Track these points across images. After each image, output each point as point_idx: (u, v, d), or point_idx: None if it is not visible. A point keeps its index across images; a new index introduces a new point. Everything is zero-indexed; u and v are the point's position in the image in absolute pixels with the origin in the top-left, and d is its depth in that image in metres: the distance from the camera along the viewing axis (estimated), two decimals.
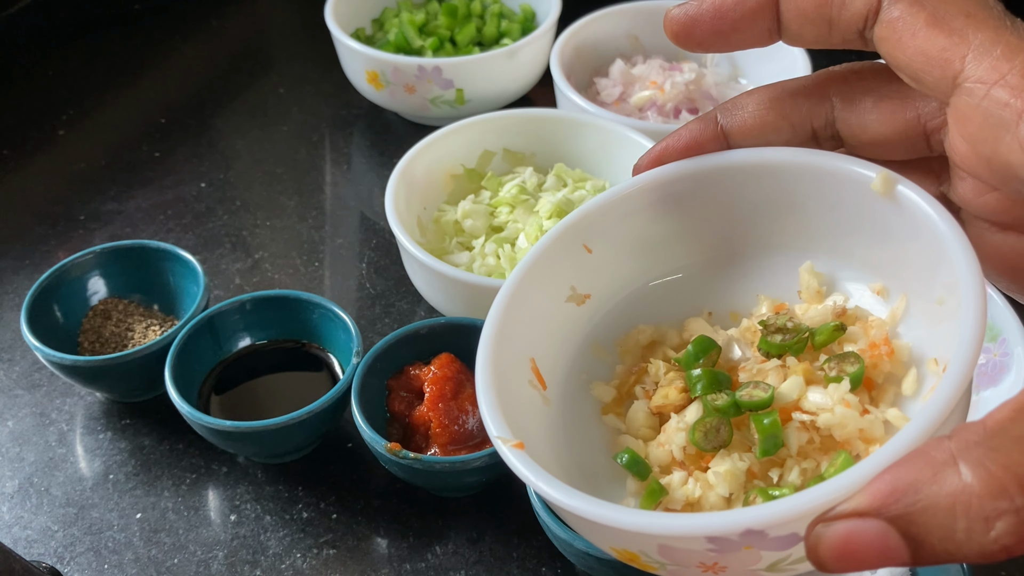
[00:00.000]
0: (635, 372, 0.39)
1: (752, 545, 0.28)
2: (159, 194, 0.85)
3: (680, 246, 0.40)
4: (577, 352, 0.39)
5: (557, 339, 0.39)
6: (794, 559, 0.30)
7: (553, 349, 0.38)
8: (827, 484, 0.26)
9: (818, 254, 0.38)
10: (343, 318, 0.63)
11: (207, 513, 0.60)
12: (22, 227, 0.82)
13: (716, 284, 0.40)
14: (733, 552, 0.29)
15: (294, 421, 0.56)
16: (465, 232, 0.71)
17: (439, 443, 0.57)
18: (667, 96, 0.83)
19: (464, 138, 0.75)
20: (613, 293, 0.40)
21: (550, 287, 0.38)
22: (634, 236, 0.39)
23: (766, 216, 0.38)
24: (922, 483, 0.24)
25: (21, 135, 0.93)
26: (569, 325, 0.39)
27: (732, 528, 0.27)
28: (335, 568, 0.57)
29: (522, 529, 0.58)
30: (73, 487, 0.62)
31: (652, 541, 0.29)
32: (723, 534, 0.28)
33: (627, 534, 0.30)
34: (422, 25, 0.94)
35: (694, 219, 0.39)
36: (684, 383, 0.36)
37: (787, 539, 0.28)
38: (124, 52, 1.06)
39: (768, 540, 0.28)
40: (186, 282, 0.68)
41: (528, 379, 0.37)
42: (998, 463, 0.23)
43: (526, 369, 0.37)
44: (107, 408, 0.66)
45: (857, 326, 0.35)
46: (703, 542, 0.28)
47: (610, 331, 0.40)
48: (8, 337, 0.72)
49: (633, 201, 0.39)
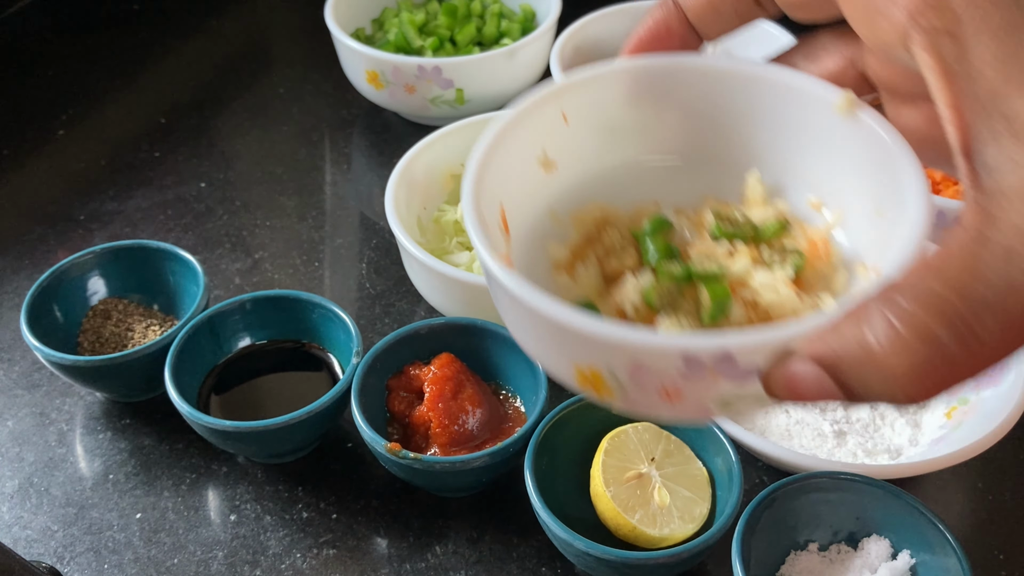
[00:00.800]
0: (590, 239, 0.40)
1: (719, 372, 0.30)
2: (159, 194, 0.85)
3: (645, 137, 0.41)
4: (536, 216, 0.40)
5: (521, 196, 0.40)
6: (744, 395, 0.31)
7: (516, 203, 0.39)
8: (799, 323, 0.28)
9: (768, 166, 0.39)
10: (343, 318, 0.63)
11: (207, 513, 0.60)
12: (22, 227, 0.82)
13: (670, 179, 0.42)
14: (699, 377, 0.30)
15: (294, 421, 0.56)
16: (465, 232, 0.71)
17: (439, 443, 0.57)
18: None
19: (464, 138, 0.75)
20: (577, 168, 0.41)
21: (527, 144, 0.40)
22: (606, 118, 0.41)
23: (728, 123, 0.40)
24: (846, 335, 0.28)
25: (21, 135, 0.93)
26: (534, 187, 0.40)
27: (710, 349, 0.28)
28: (335, 568, 0.57)
29: (522, 529, 0.58)
30: (73, 487, 0.62)
31: (627, 355, 0.30)
32: (699, 354, 0.29)
33: (605, 345, 0.30)
34: (422, 25, 0.94)
35: (662, 114, 0.41)
36: (637, 252, 0.38)
37: (748, 372, 0.30)
38: (124, 52, 1.06)
39: (735, 369, 0.29)
40: (186, 282, 0.68)
41: (496, 222, 0.38)
42: (903, 318, 0.27)
43: (496, 212, 0.38)
44: (107, 408, 0.66)
45: (797, 228, 0.38)
46: (677, 360, 0.29)
47: (568, 203, 0.41)
48: (8, 337, 0.72)
49: (611, 84, 0.40)
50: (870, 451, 0.59)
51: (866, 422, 0.61)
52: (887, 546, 0.53)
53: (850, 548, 0.54)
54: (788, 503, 0.53)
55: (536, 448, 0.55)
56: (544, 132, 0.40)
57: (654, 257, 0.37)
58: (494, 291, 0.33)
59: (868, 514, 0.53)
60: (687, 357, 0.29)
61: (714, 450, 0.56)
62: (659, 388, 0.31)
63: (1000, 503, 0.60)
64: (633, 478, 0.54)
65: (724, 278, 0.36)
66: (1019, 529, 0.58)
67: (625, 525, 0.53)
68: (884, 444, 0.59)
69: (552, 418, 0.56)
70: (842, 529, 0.54)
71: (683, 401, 0.32)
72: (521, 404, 0.61)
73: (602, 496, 0.54)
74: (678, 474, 0.55)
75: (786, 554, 0.54)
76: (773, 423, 0.61)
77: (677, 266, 0.36)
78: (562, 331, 0.30)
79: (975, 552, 0.57)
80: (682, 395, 0.31)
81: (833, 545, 0.54)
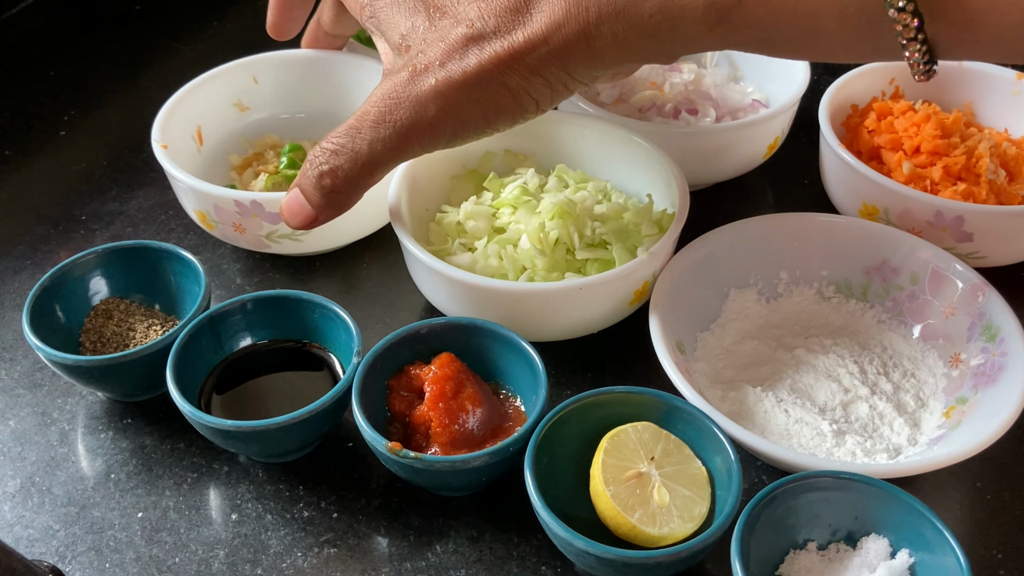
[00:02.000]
0: (257, 155, 0.82)
1: (256, 215, 0.68)
2: (160, 194, 0.85)
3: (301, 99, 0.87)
4: (228, 137, 0.83)
5: (220, 123, 0.82)
6: (279, 234, 0.70)
7: (214, 128, 0.82)
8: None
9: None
10: (344, 318, 0.63)
11: (208, 512, 0.60)
12: (24, 227, 0.82)
13: (308, 125, 0.86)
14: (248, 217, 0.68)
15: (295, 421, 0.56)
16: (467, 233, 0.71)
17: (439, 442, 0.58)
18: (666, 97, 0.83)
19: None
20: (265, 112, 0.85)
21: (225, 93, 0.82)
22: (287, 83, 0.84)
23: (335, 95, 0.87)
24: (305, 170, 0.56)
25: (23, 135, 0.93)
26: (231, 122, 0.83)
27: (246, 199, 0.67)
28: (336, 567, 0.57)
29: (522, 528, 0.58)
30: (74, 486, 0.62)
31: (212, 201, 0.69)
32: (243, 202, 0.67)
33: (208, 197, 0.69)
34: None
35: (315, 85, 0.87)
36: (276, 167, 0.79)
37: (273, 216, 0.67)
38: (125, 53, 1.06)
39: (265, 214, 0.67)
40: (187, 282, 0.68)
41: (192, 136, 0.79)
42: (337, 134, 0.55)
43: (194, 129, 0.79)
44: (108, 408, 0.67)
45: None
46: (234, 206, 0.68)
47: (252, 135, 0.84)
48: (10, 337, 0.72)
49: (292, 57, 0.83)
50: (869, 451, 0.59)
51: (865, 421, 0.61)
52: (886, 545, 0.53)
53: (849, 547, 0.54)
54: (787, 502, 0.53)
55: (536, 447, 0.55)
56: (237, 87, 0.82)
57: (283, 163, 0.78)
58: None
59: (867, 513, 0.53)
60: (238, 204, 0.67)
61: (713, 449, 0.56)
62: (231, 222, 0.70)
63: (999, 502, 0.60)
64: (633, 477, 0.55)
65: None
66: (1018, 528, 0.58)
67: (625, 524, 0.53)
68: (883, 443, 0.59)
69: (552, 418, 0.56)
70: (841, 528, 0.54)
71: (246, 232, 0.70)
72: (521, 404, 0.61)
73: (602, 495, 0.54)
74: (677, 473, 0.55)
75: (785, 553, 0.54)
76: (772, 423, 0.61)
77: (292, 170, 0.77)
78: (196, 191, 0.69)
79: (974, 551, 0.57)
80: (245, 228, 0.69)
81: (832, 544, 0.54)
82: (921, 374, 0.64)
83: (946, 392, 0.63)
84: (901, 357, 0.65)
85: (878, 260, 0.68)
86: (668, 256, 0.67)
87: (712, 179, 0.81)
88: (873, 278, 0.68)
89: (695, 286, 0.67)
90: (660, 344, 0.60)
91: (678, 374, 0.58)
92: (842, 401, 0.62)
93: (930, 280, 0.66)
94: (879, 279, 0.68)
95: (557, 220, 0.68)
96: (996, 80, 0.82)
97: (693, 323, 0.67)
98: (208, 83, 0.81)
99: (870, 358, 0.65)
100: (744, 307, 0.69)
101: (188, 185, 0.70)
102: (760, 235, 0.69)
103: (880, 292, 0.68)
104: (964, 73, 0.83)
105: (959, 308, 0.64)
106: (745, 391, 0.63)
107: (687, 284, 0.66)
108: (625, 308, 0.66)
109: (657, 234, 0.68)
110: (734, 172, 0.81)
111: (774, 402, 0.62)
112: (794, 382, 0.63)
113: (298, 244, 0.73)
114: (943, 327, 0.65)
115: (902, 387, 0.63)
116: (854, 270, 0.69)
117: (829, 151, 0.75)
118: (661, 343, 0.60)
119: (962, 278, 0.64)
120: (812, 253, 0.69)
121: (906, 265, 0.67)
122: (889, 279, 0.68)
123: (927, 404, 0.62)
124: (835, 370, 0.64)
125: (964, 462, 0.54)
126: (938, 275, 0.66)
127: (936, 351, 0.65)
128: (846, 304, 0.69)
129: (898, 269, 0.67)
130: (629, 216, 0.70)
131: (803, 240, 0.69)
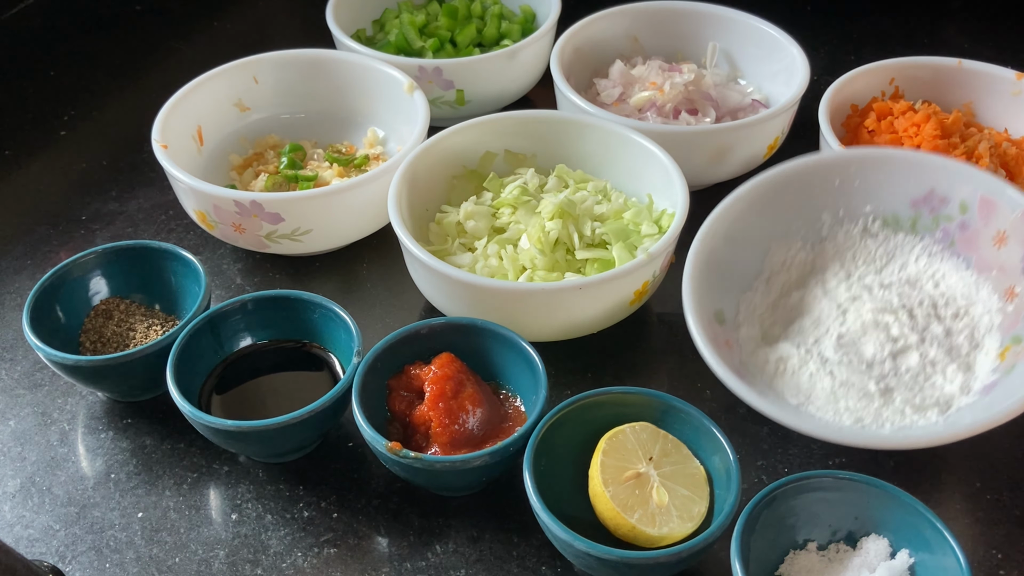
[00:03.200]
0: (257, 155, 0.83)
1: (256, 215, 0.70)
2: (161, 194, 0.85)
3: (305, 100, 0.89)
4: (228, 137, 0.84)
5: (220, 123, 0.83)
6: (279, 234, 0.71)
7: (214, 128, 0.83)
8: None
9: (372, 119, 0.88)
10: (343, 318, 0.63)
11: (208, 512, 0.60)
12: (24, 227, 0.82)
13: (311, 126, 0.88)
14: (248, 217, 0.70)
15: (295, 421, 0.56)
16: (467, 233, 0.71)
17: (439, 442, 0.58)
18: (666, 97, 0.83)
19: (466, 139, 0.76)
20: (265, 112, 0.86)
21: (225, 93, 0.83)
22: (287, 83, 0.86)
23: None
24: None
25: (23, 135, 0.93)
26: (231, 122, 0.85)
27: (246, 200, 0.69)
28: (336, 567, 0.57)
29: (522, 528, 0.58)
30: (75, 486, 0.62)
31: (212, 202, 0.71)
32: (242, 202, 0.69)
33: (208, 197, 0.71)
34: (423, 26, 0.95)
35: (317, 86, 0.90)
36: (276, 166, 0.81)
37: (273, 215, 0.70)
38: (125, 53, 1.06)
39: (264, 213, 0.70)
40: (187, 282, 0.68)
41: (192, 135, 0.80)
42: None
43: (194, 129, 0.80)
44: (108, 407, 0.67)
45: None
46: (233, 206, 0.70)
47: (252, 135, 0.86)
48: (10, 337, 0.72)
49: (292, 57, 0.87)
50: (919, 406, 0.57)
51: (916, 371, 0.59)
52: (886, 545, 0.53)
53: (849, 547, 0.54)
54: (787, 502, 0.53)
55: (535, 448, 0.55)
56: (237, 87, 0.84)
57: (283, 163, 0.79)
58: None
59: (867, 513, 0.53)
60: (238, 204, 0.70)
61: (711, 449, 0.56)
62: (231, 222, 0.71)
63: (998, 502, 0.60)
64: (632, 477, 0.55)
65: (315, 176, 0.78)
66: (1017, 528, 0.58)
67: (624, 524, 0.53)
68: (934, 396, 0.58)
69: (551, 418, 0.56)
70: (841, 528, 0.54)
71: (246, 232, 0.72)
72: (521, 404, 0.61)
73: (601, 496, 0.54)
74: (676, 473, 0.55)
75: (785, 553, 0.54)
76: (818, 386, 0.60)
77: (292, 170, 0.79)
78: (196, 192, 0.71)
79: (973, 551, 0.57)
80: (245, 228, 0.71)
81: (832, 544, 0.54)
82: (975, 310, 0.61)
83: (1001, 330, 0.60)
84: (954, 293, 0.62)
85: (925, 190, 0.65)
86: (668, 257, 0.67)
87: (712, 179, 0.81)
88: (921, 209, 0.66)
89: (731, 248, 0.65)
90: (695, 323, 0.58)
91: (715, 357, 0.56)
92: (892, 352, 0.59)
93: (980, 207, 0.63)
94: (927, 210, 0.65)
95: (557, 220, 0.68)
96: (996, 80, 0.82)
97: (733, 286, 0.65)
98: (208, 83, 0.81)
99: (920, 298, 0.62)
100: (787, 257, 0.66)
101: (188, 185, 0.70)
102: (795, 180, 0.66)
103: (929, 224, 0.65)
104: (964, 73, 0.83)
105: (1011, 236, 0.61)
106: (790, 354, 0.61)
107: (721, 249, 0.64)
108: (625, 308, 0.66)
109: (657, 234, 0.68)
110: (734, 172, 0.81)
111: (819, 364, 0.60)
112: (841, 334, 0.61)
113: (298, 244, 0.73)
114: (996, 257, 0.62)
115: (954, 329, 0.60)
116: (900, 202, 0.66)
117: (829, 151, 0.75)
118: (696, 321, 0.58)
119: (1013, 204, 0.61)
120: (854, 190, 0.66)
121: (954, 193, 0.64)
122: (938, 209, 0.65)
123: (982, 344, 0.60)
124: (883, 317, 0.61)
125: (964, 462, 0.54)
126: (988, 202, 0.62)
127: (991, 283, 0.62)
128: (894, 238, 0.66)
129: (946, 198, 0.64)
130: (629, 216, 0.70)
131: (843, 177, 0.66)
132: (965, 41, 1.06)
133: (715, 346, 0.57)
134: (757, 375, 0.57)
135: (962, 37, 1.07)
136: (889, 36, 1.07)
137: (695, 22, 0.92)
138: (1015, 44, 1.02)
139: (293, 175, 0.78)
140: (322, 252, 0.78)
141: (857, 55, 1.00)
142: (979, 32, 1.07)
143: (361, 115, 0.87)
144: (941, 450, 0.62)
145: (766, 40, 0.88)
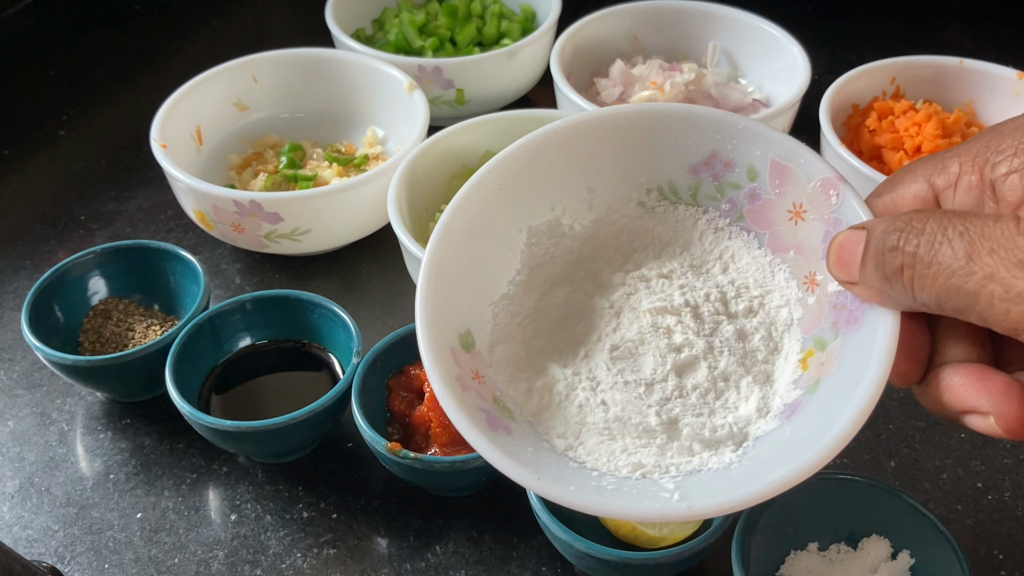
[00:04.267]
0: (256, 155, 0.84)
1: (255, 214, 0.70)
2: (160, 194, 0.85)
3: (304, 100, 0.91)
4: (227, 137, 0.86)
5: (220, 123, 0.85)
6: (278, 234, 0.73)
7: (214, 128, 0.84)
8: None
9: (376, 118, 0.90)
10: (343, 318, 0.63)
11: (207, 513, 0.60)
12: (23, 227, 0.82)
13: (312, 125, 0.90)
14: (247, 217, 0.71)
15: (294, 421, 0.56)
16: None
17: (439, 443, 0.57)
18: (667, 96, 0.83)
19: (465, 139, 0.76)
20: (265, 112, 0.88)
21: (225, 92, 0.85)
22: (287, 83, 0.89)
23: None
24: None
25: (22, 135, 0.93)
26: (231, 121, 0.86)
27: (245, 199, 0.70)
28: (335, 568, 0.57)
29: (522, 529, 0.58)
30: (73, 487, 0.62)
31: (211, 201, 0.71)
32: (241, 201, 0.70)
33: (205, 196, 0.71)
34: (422, 25, 0.95)
35: (317, 85, 0.90)
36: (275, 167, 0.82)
37: (272, 215, 0.71)
38: (124, 52, 1.06)
39: (263, 212, 0.70)
40: (186, 282, 0.68)
41: (191, 135, 0.82)
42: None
43: (193, 129, 0.82)
44: (107, 408, 0.67)
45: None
46: (232, 205, 0.70)
47: (251, 134, 0.87)
48: (9, 337, 0.72)
49: (292, 57, 0.90)
50: (709, 441, 0.45)
51: (705, 388, 0.47)
52: (887, 546, 0.53)
53: (850, 548, 0.54)
54: (787, 503, 0.53)
55: None
56: (235, 87, 0.85)
57: (282, 163, 0.80)
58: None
59: (868, 514, 0.53)
60: (237, 204, 0.70)
61: None
62: (230, 222, 0.72)
63: (999, 503, 0.60)
64: None
65: (314, 176, 0.79)
66: (1018, 529, 0.58)
67: (624, 525, 0.53)
68: (726, 422, 0.46)
69: None
70: (842, 529, 0.54)
71: (246, 232, 0.72)
72: None
73: None
74: None
75: (786, 554, 0.54)
76: (589, 420, 0.46)
77: (291, 170, 0.79)
78: (195, 191, 0.72)
79: (974, 552, 0.57)
80: (244, 228, 0.72)
81: (833, 545, 0.54)
82: (771, 301, 0.50)
83: (802, 327, 0.48)
84: (746, 279, 0.51)
85: (706, 153, 0.52)
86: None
87: None
88: (703, 176, 0.52)
89: (477, 245, 0.51)
90: (430, 360, 0.46)
91: (456, 408, 0.44)
92: (675, 365, 0.47)
93: (771, 173, 0.51)
94: (709, 176, 0.52)
95: None
96: (997, 80, 0.82)
97: (483, 292, 0.50)
98: (208, 82, 0.81)
99: (707, 291, 0.50)
100: (548, 246, 0.52)
101: (187, 185, 0.70)
102: (548, 151, 0.52)
103: (713, 192, 0.52)
104: (965, 73, 0.83)
105: (810, 210, 0.49)
106: (556, 377, 0.48)
107: (461, 252, 0.50)
108: None
109: None
110: None
111: (590, 389, 0.47)
112: (615, 344, 0.48)
113: (297, 244, 0.73)
114: (793, 235, 0.50)
115: (747, 329, 0.49)
116: (678, 169, 0.53)
117: (830, 151, 0.75)
118: (431, 357, 0.46)
119: (809, 171, 0.49)
120: (622, 157, 0.53)
121: (740, 156, 0.51)
122: (722, 176, 0.52)
123: (780, 347, 0.48)
124: (663, 320, 0.49)
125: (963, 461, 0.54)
126: (780, 167, 0.50)
127: (788, 267, 0.50)
128: (673, 212, 0.53)
129: (731, 163, 0.52)
130: None
131: (607, 144, 0.52)
132: (966, 40, 1.06)
133: (460, 385, 0.45)
134: (517, 413, 0.46)
135: (963, 37, 1.07)
136: (890, 35, 1.07)
137: (695, 21, 0.91)
138: (1016, 44, 1.02)
139: (292, 175, 0.78)
140: (322, 252, 0.78)
141: (858, 54, 1.00)
142: (980, 32, 1.07)
143: (361, 115, 0.86)
144: (942, 450, 0.62)
145: (767, 39, 0.88)
